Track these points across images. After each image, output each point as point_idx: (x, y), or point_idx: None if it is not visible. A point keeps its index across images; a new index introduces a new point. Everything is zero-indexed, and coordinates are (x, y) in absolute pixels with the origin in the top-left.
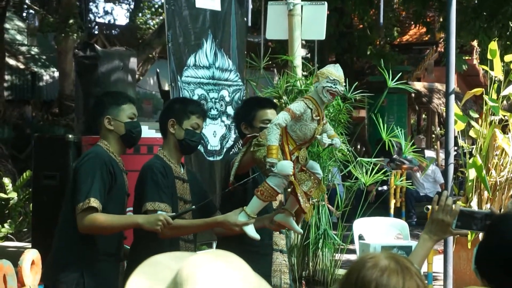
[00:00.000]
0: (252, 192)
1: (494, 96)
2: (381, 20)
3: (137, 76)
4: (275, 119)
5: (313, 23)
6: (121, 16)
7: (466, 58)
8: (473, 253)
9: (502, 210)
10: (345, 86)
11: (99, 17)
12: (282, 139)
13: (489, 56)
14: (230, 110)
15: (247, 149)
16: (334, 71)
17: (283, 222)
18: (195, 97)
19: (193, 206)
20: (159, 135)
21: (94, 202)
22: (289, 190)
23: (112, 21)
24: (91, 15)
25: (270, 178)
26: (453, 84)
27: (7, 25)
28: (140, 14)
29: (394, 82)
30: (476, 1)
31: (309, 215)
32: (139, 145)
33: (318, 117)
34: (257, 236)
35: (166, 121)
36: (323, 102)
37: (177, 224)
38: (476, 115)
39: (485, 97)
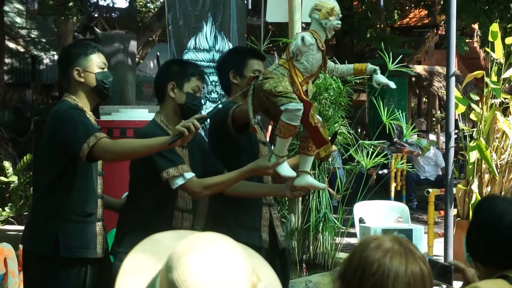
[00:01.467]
0: (246, 154)
1: (495, 78)
2: (382, 3)
3: (137, 59)
4: (304, 36)
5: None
6: None
7: (467, 41)
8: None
9: (503, 193)
10: None
11: (99, 0)
12: (290, 71)
13: (490, 38)
14: None
15: (254, 91)
16: (337, 5)
17: (305, 184)
18: None
19: (219, 105)
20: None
21: (101, 134)
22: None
23: (112, 4)
24: None
25: (283, 115)
26: (454, 67)
27: (6, 8)
28: None
29: (395, 65)
30: None
31: (326, 150)
32: (124, 128)
33: (323, 48)
34: (292, 173)
35: (165, 85)
36: (324, 37)
37: (212, 182)
38: (477, 98)
39: (486, 79)
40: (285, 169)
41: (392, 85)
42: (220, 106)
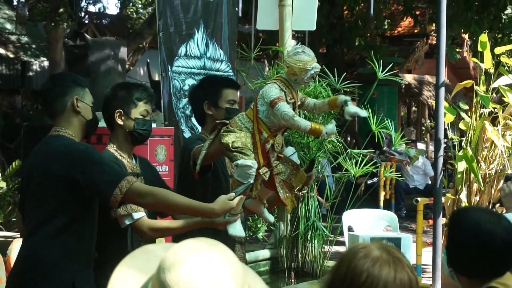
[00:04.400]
0: (213, 188)
1: (483, 88)
2: (371, 11)
3: (127, 66)
4: (286, 112)
5: (304, 14)
6: (111, 5)
7: (457, 50)
8: (442, 258)
9: (492, 201)
10: (335, 77)
11: (90, 6)
12: (253, 127)
13: (479, 48)
14: None
15: (215, 137)
16: (308, 57)
17: (253, 209)
18: (186, 87)
19: (250, 181)
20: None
21: (132, 178)
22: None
23: (102, 11)
24: (81, 4)
25: (235, 170)
26: (443, 76)
27: None
28: (130, 4)
29: (384, 74)
30: None
31: (290, 206)
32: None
33: (293, 100)
34: (240, 234)
35: (112, 113)
36: (299, 85)
37: (161, 226)
38: (466, 107)
39: (476, 88)
40: (237, 229)
41: (364, 114)
42: (250, 181)
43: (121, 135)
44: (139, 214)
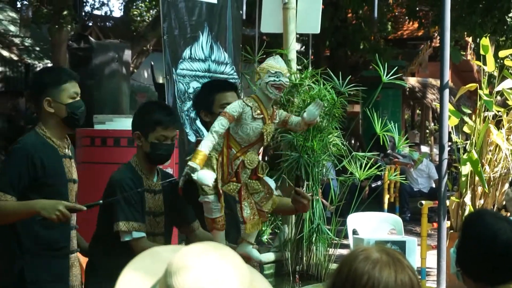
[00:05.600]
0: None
1: (487, 91)
2: (375, 14)
3: (131, 68)
4: (212, 126)
5: (308, 17)
6: (115, 8)
7: (462, 53)
8: (450, 255)
9: (496, 205)
10: (339, 80)
11: (93, 9)
12: (222, 142)
13: (481, 52)
14: None
15: None
16: (275, 63)
17: (243, 253)
18: (191, 90)
19: (100, 201)
20: None
21: (2, 196)
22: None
23: (106, 13)
24: (85, 7)
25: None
26: (448, 79)
27: (0, 16)
28: (134, 6)
29: (389, 77)
30: None
31: (250, 229)
32: (119, 137)
33: (262, 115)
34: None
35: (133, 133)
36: (270, 99)
37: None
38: (468, 111)
39: (480, 92)
40: None
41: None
42: (100, 202)
43: (140, 153)
44: (140, 234)
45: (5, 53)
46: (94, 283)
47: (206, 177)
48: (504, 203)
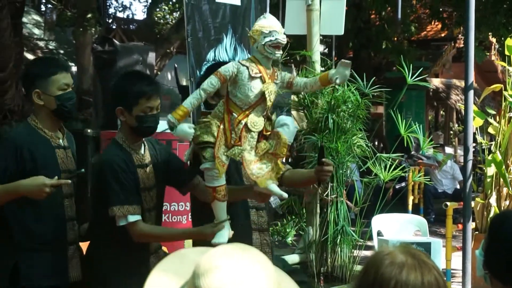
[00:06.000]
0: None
1: (511, 92)
2: (399, 15)
3: (154, 71)
4: (201, 85)
5: (332, 18)
6: (138, 11)
7: (486, 54)
8: (476, 259)
9: None
10: (363, 82)
11: (117, 12)
12: (223, 108)
13: (506, 52)
14: None
15: None
16: (266, 22)
17: (263, 190)
18: None
19: (82, 169)
20: None
21: None
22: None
23: (129, 16)
24: (109, 10)
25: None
26: (472, 79)
27: (24, 19)
28: (158, 9)
29: (413, 79)
30: None
31: (264, 182)
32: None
33: (260, 74)
34: (229, 232)
35: (115, 108)
36: (269, 59)
37: (153, 233)
38: (493, 112)
39: (505, 93)
40: (224, 236)
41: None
42: (82, 170)
43: (127, 128)
44: (135, 217)
45: (30, 56)
46: (94, 273)
47: (184, 130)
48: None
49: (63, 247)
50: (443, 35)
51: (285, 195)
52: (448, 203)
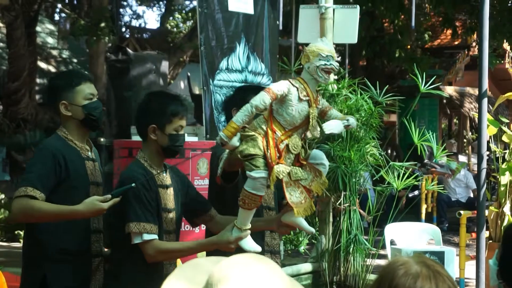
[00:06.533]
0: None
1: None
2: (413, 23)
3: (168, 79)
4: (252, 100)
5: (345, 27)
6: (152, 20)
7: (500, 62)
8: (490, 267)
9: None
10: (376, 90)
11: (132, 20)
12: (266, 125)
13: None
14: None
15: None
16: (324, 46)
17: (291, 223)
18: None
19: (133, 184)
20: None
21: (32, 191)
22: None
23: (143, 25)
24: (122, 19)
25: (246, 183)
26: (486, 87)
27: (38, 28)
28: (171, 18)
29: (427, 87)
30: (510, 4)
31: (302, 212)
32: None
33: (308, 98)
34: (257, 248)
35: (146, 127)
36: (317, 82)
37: (168, 248)
38: (506, 120)
39: None
40: (249, 244)
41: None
42: (133, 185)
43: (153, 148)
44: (150, 236)
45: (43, 65)
46: None
47: (235, 145)
48: None
49: (89, 259)
50: (456, 43)
51: (314, 230)
52: (462, 212)
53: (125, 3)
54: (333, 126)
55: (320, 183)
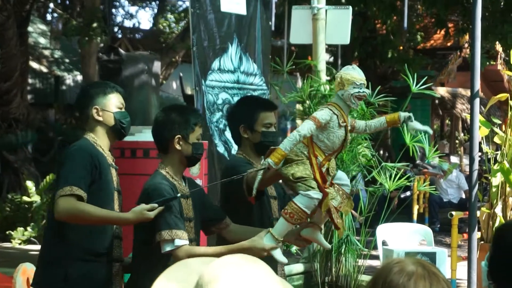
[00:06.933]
0: (258, 208)
1: None
2: (405, 25)
3: (160, 80)
4: (299, 129)
5: (338, 28)
6: (144, 20)
7: (492, 63)
8: (482, 269)
9: None
10: (369, 91)
11: (124, 20)
12: (308, 150)
13: None
14: None
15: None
16: (357, 74)
17: (310, 237)
18: (220, 102)
19: (179, 194)
20: None
21: (77, 191)
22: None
23: (135, 25)
24: (114, 19)
25: (298, 198)
26: (478, 88)
27: (30, 29)
28: (163, 18)
29: (419, 87)
30: (502, 5)
31: (342, 231)
32: (148, 149)
33: (345, 123)
34: (285, 260)
35: (170, 138)
36: (348, 108)
37: (200, 253)
38: (498, 121)
39: (511, 102)
40: (279, 254)
41: (429, 130)
42: (179, 195)
43: (176, 158)
44: (182, 241)
45: (35, 65)
46: None
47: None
48: None
49: (110, 262)
50: (449, 44)
51: (330, 246)
52: (454, 213)
53: (117, 4)
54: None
55: (348, 204)
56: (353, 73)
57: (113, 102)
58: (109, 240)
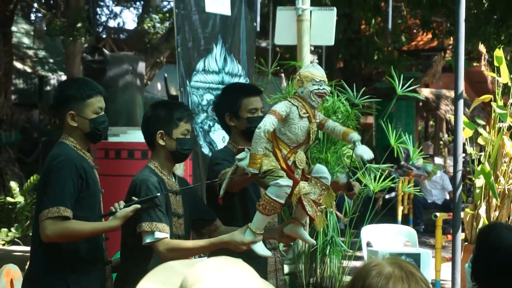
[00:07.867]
0: (240, 207)
1: (501, 103)
2: (390, 26)
3: (144, 80)
4: (261, 125)
5: (322, 29)
6: (129, 20)
7: (475, 64)
8: (465, 270)
9: (511, 217)
10: (353, 92)
11: (107, 21)
12: (273, 145)
13: (495, 63)
14: None
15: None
16: (317, 71)
17: (293, 234)
18: (204, 102)
19: (158, 194)
20: None
21: (65, 211)
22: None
23: (120, 25)
24: (99, 19)
25: (269, 189)
26: (462, 89)
27: (14, 28)
28: (148, 19)
29: (404, 90)
30: (485, 6)
31: (320, 224)
32: (132, 149)
33: (307, 114)
34: (267, 253)
35: (153, 133)
36: (312, 106)
37: (180, 246)
38: (482, 122)
39: (493, 104)
40: (260, 248)
41: (368, 157)
42: (158, 194)
43: (162, 154)
44: (162, 234)
45: (19, 65)
46: None
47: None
48: None
49: (103, 266)
50: (433, 45)
51: (314, 242)
52: (438, 214)
53: (102, 3)
54: (367, 152)
55: (328, 196)
56: (313, 70)
57: (90, 108)
58: (100, 244)
